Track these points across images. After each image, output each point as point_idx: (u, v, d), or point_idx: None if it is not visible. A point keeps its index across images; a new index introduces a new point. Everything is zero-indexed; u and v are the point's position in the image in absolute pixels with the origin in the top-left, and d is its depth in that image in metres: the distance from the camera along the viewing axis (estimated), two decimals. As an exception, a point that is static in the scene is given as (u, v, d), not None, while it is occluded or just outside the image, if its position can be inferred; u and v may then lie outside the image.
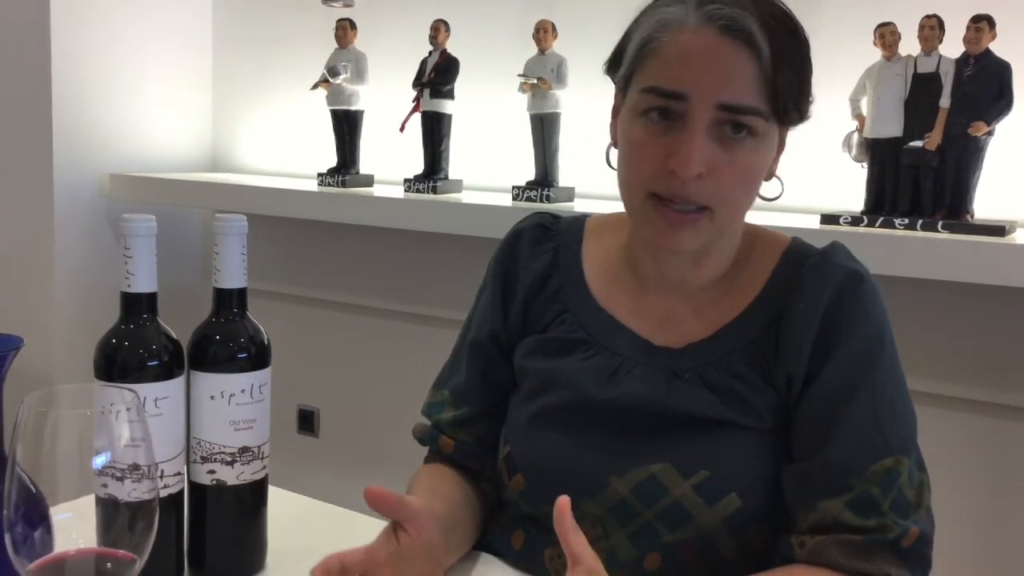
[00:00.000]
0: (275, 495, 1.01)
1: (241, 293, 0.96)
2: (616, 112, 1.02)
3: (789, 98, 0.92)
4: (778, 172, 1.01)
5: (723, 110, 0.90)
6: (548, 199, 2.05)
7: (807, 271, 0.97)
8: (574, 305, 1.05)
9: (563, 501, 0.81)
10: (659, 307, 1.02)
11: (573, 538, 0.81)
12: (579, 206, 2.03)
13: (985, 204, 1.72)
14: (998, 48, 1.65)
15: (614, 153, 1.01)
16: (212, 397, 0.93)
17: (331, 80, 2.32)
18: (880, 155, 1.76)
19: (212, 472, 0.94)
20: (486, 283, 1.13)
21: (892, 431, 0.92)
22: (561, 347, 1.04)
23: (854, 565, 0.89)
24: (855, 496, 0.90)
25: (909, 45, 1.73)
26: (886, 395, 0.93)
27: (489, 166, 2.33)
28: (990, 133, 1.66)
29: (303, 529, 1.10)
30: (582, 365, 1.01)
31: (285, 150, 2.72)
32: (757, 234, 1.04)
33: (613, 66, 1.01)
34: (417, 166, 2.27)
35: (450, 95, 2.22)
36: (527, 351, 1.07)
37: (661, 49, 0.92)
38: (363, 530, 1.11)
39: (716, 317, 1.00)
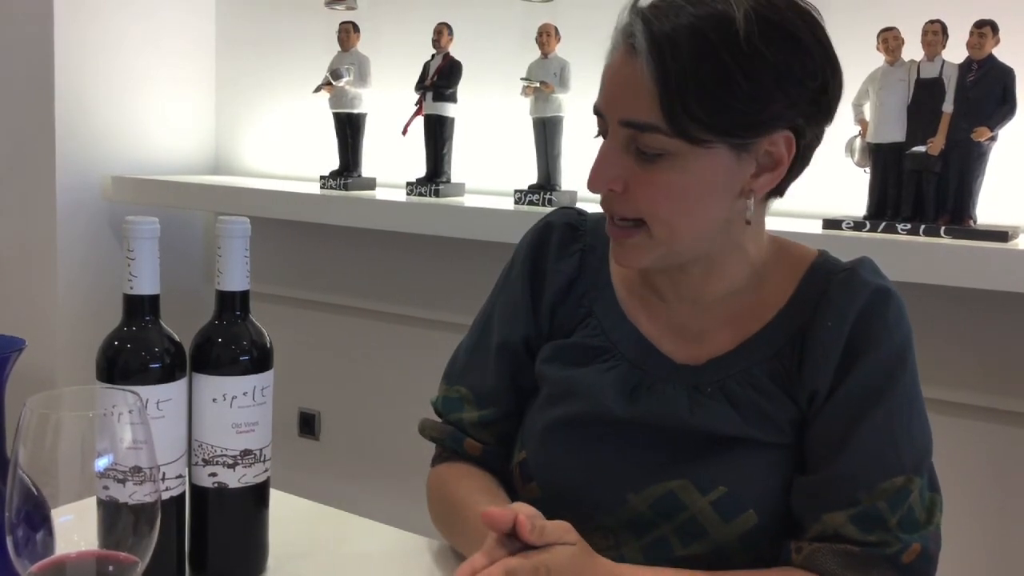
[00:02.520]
0: (276, 498, 1.01)
1: (243, 296, 0.96)
2: None
3: (688, 115, 0.86)
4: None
5: (627, 127, 0.90)
6: (550, 203, 2.05)
7: (834, 287, 0.95)
8: (599, 310, 1.04)
9: (520, 519, 0.81)
10: (680, 320, 1.01)
11: (543, 531, 0.82)
12: (581, 210, 2.03)
13: (988, 209, 1.71)
14: (1001, 53, 1.65)
15: None
16: (214, 400, 0.93)
17: (334, 83, 2.32)
18: (883, 160, 1.75)
19: (214, 475, 0.94)
20: (512, 281, 1.10)
21: (906, 449, 0.91)
22: (582, 354, 1.02)
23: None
24: (861, 511, 0.89)
25: (912, 50, 1.73)
26: (903, 413, 0.92)
27: (491, 170, 2.33)
28: (993, 138, 1.66)
29: (304, 532, 1.10)
30: (602, 377, 1.00)
31: (288, 153, 2.73)
32: (783, 247, 1.02)
33: None
34: (419, 169, 2.27)
35: (453, 98, 2.22)
36: (547, 356, 1.05)
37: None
38: (364, 533, 1.11)
39: (739, 330, 0.98)
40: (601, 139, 0.95)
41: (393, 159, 2.43)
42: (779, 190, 0.96)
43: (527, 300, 1.07)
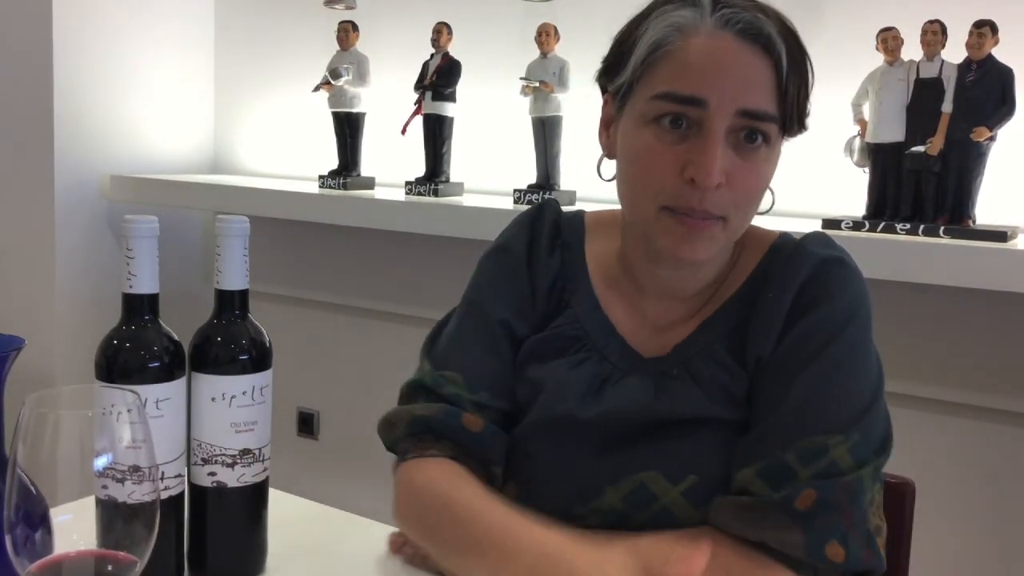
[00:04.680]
0: (275, 497, 1.01)
1: (243, 295, 0.96)
2: (607, 122, 0.99)
3: (796, 106, 0.91)
4: (775, 179, 0.98)
5: (742, 116, 0.88)
6: (549, 202, 2.05)
7: (780, 261, 0.96)
8: (575, 300, 1.04)
9: None
10: (653, 314, 1.01)
11: None
12: (580, 209, 2.03)
13: (987, 209, 1.72)
14: (1000, 53, 1.65)
15: (608, 165, 0.98)
16: (213, 399, 0.93)
17: (333, 82, 2.32)
18: (882, 160, 1.75)
19: (213, 474, 0.94)
20: (512, 266, 1.06)
21: (832, 411, 0.88)
22: (555, 346, 1.02)
23: (742, 530, 0.86)
24: (768, 463, 0.87)
25: (912, 50, 1.73)
26: (837, 375, 0.89)
27: (490, 169, 2.33)
28: (992, 138, 1.66)
29: (303, 532, 1.09)
30: (570, 374, 0.99)
31: (286, 152, 2.72)
32: (747, 232, 1.01)
33: (609, 73, 0.97)
34: (418, 169, 2.27)
35: (452, 98, 2.22)
36: (522, 356, 1.04)
37: (675, 53, 0.89)
38: (362, 533, 1.11)
39: (702, 316, 0.99)
40: (656, 125, 0.90)
41: (392, 158, 2.42)
42: None
43: (527, 294, 1.04)
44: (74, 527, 0.68)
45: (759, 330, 0.94)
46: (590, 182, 2.20)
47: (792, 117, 0.91)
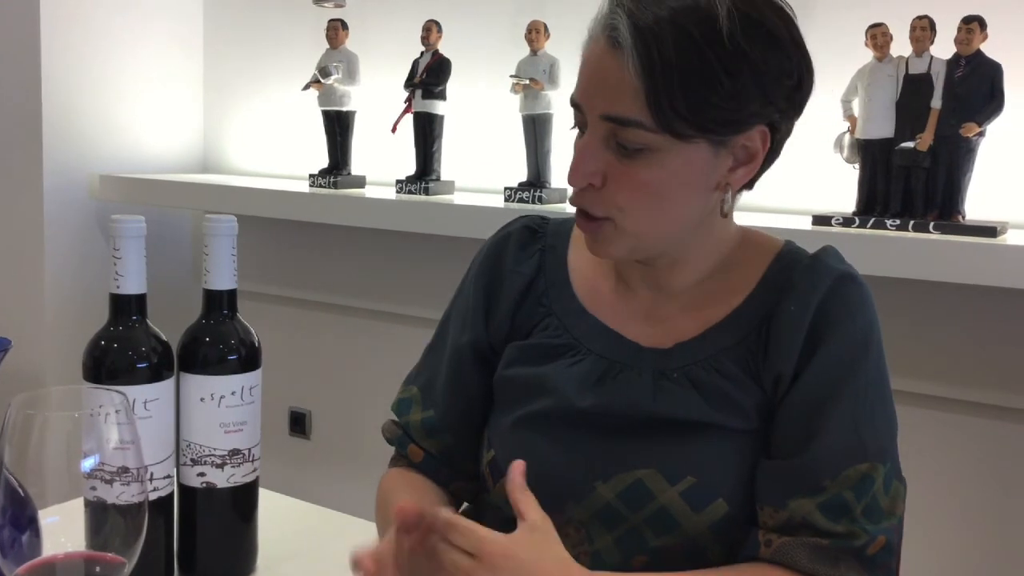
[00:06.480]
0: (266, 498, 1.01)
1: (231, 294, 0.95)
2: None
3: (673, 111, 0.86)
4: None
5: (608, 121, 0.89)
6: (540, 200, 2.05)
7: (798, 274, 0.96)
8: (558, 309, 1.04)
9: (518, 463, 0.84)
10: (645, 307, 1.02)
11: (520, 496, 0.83)
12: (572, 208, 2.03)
13: (976, 205, 1.72)
14: (989, 49, 1.65)
15: None
16: (202, 399, 0.93)
17: (322, 81, 2.31)
18: (872, 156, 1.76)
19: (202, 475, 0.94)
20: (467, 284, 1.11)
21: (870, 437, 0.92)
22: (546, 353, 1.02)
23: (817, 569, 0.89)
24: (828, 499, 0.90)
25: (900, 46, 1.73)
26: (867, 400, 0.93)
27: (481, 167, 2.33)
28: (981, 134, 1.67)
29: (294, 532, 1.09)
30: (568, 371, 1.00)
31: (276, 151, 2.72)
32: (749, 236, 1.03)
33: None
34: (409, 167, 2.26)
35: (442, 96, 2.22)
36: (510, 359, 1.05)
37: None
38: (353, 533, 1.11)
39: (705, 317, 0.99)
40: (577, 131, 0.95)
41: (382, 157, 2.42)
42: (749, 183, 0.97)
43: (480, 306, 1.08)
44: (62, 529, 0.68)
45: (779, 347, 0.94)
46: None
47: (668, 121, 0.86)
